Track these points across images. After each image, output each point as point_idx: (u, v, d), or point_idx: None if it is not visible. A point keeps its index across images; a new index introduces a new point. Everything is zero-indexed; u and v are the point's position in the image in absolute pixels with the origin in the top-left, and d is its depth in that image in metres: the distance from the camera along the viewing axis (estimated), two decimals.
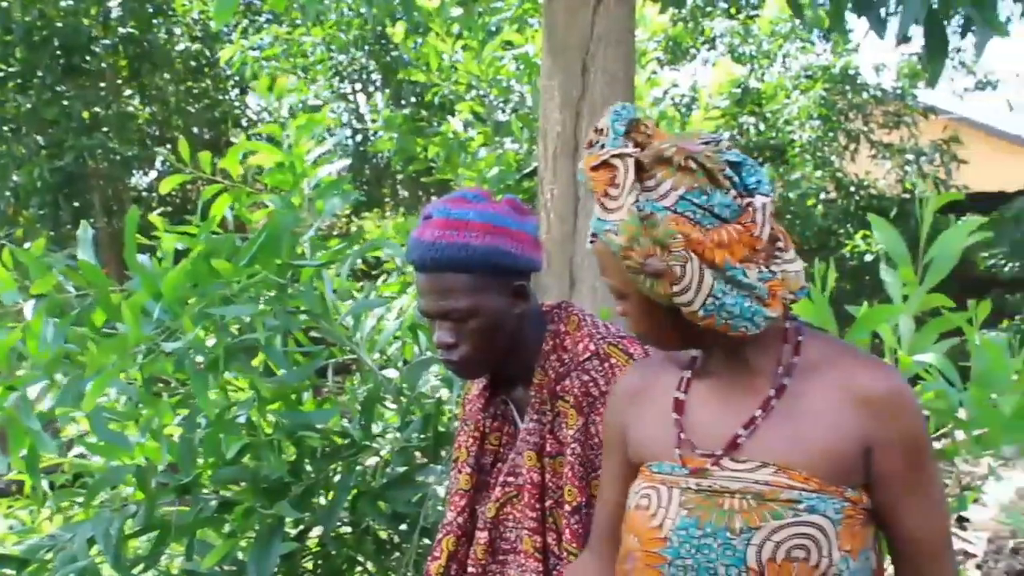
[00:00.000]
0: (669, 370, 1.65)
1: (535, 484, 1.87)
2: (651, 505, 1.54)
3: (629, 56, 3.10)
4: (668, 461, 1.56)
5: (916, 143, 10.93)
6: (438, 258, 1.80)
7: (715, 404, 1.58)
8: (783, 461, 1.49)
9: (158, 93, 11.97)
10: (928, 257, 2.85)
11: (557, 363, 1.90)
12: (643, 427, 1.63)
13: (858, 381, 1.53)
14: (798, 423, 1.52)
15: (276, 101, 3.84)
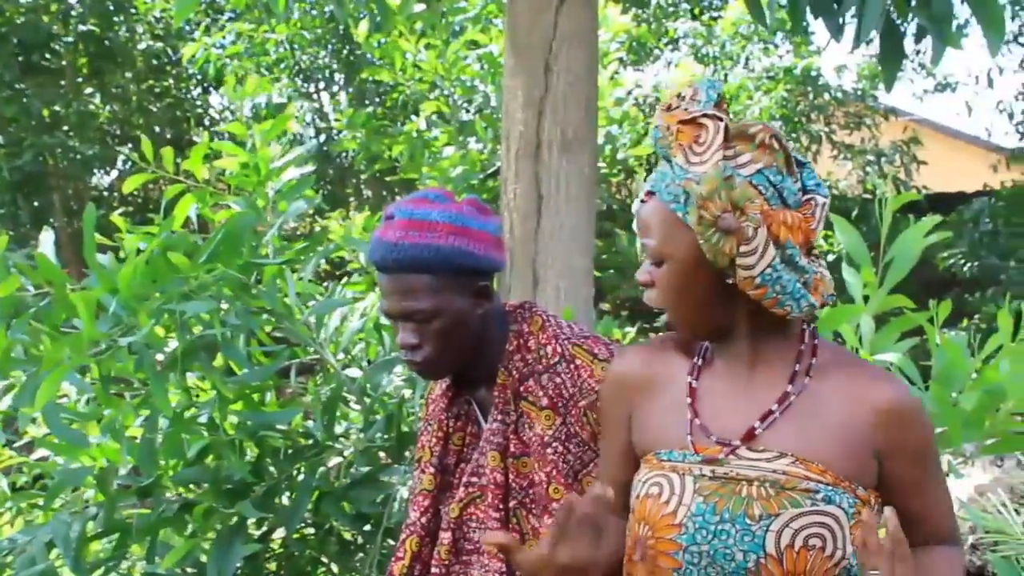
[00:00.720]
0: (675, 359, 1.68)
1: (498, 484, 1.87)
2: (663, 493, 1.56)
3: (592, 56, 3.11)
4: (679, 449, 1.58)
5: (877, 144, 11.03)
6: (401, 259, 1.79)
7: (727, 395, 1.61)
8: (800, 453, 1.53)
9: (119, 91, 11.86)
10: (888, 257, 2.88)
11: (521, 363, 1.90)
12: (651, 414, 1.65)
13: (871, 392, 1.58)
14: (814, 421, 1.56)
15: (241, 100, 3.83)
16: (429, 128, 6.57)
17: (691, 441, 1.57)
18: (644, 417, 1.66)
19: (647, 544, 1.56)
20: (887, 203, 2.95)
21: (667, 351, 1.70)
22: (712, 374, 1.64)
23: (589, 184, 3.13)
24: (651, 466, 1.60)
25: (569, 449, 1.86)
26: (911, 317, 2.85)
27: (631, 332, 5.81)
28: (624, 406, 1.70)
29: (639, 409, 1.67)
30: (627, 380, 1.70)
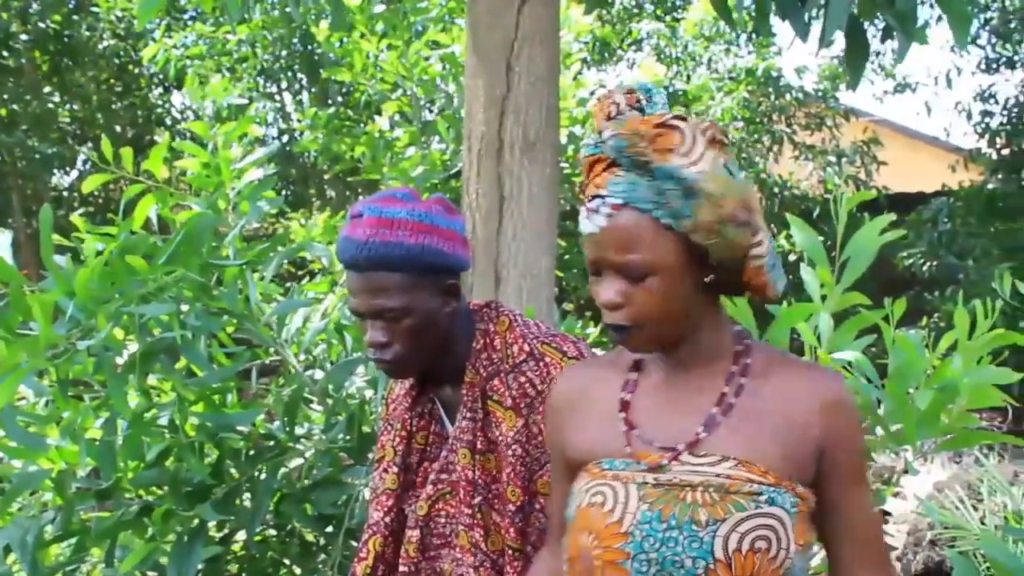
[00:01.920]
0: (609, 373, 1.67)
1: (469, 481, 1.89)
2: (607, 501, 1.53)
3: (554, 56, 3.11)
4: (621, 458, 1.56)
5: (837, 145, 11.12)
6: (370, 257, 1.79)
7: (666, 404, 1.60)
8: (742, 456, 1.53)
9: (80, 90, 11.75)
10: (844, 256, 2.91)
11: (487, 362, 1.92)
12: (586, 429, 1.64)
13: (815, 385, 1.59)
14: (754, 421, 1.56)
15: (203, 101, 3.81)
16: (391, 128, 6.56)
17: (630, 451, 1.56)
18: (580, 432, 1.65)
19: (592, 554, 1.53)
20: (842, 202, 2.98)
21: (600, 367, 1.71)
22: (647, 385, 1.63)
23: (551, 184, 3.14)
24: (592, 475, 1.58)
25: (528, 451, 1.87)
26: (867, 315, 2.88)
27: (594, 332, 5.82)
28: (558, 426, 1.70)
29: (573, 425, 1.67)
30: (560, 400, 1.70)
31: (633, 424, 1.59)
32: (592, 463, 1.59)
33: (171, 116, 12.64)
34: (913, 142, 13.93)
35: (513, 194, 3.04)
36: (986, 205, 10.37)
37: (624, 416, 1.60)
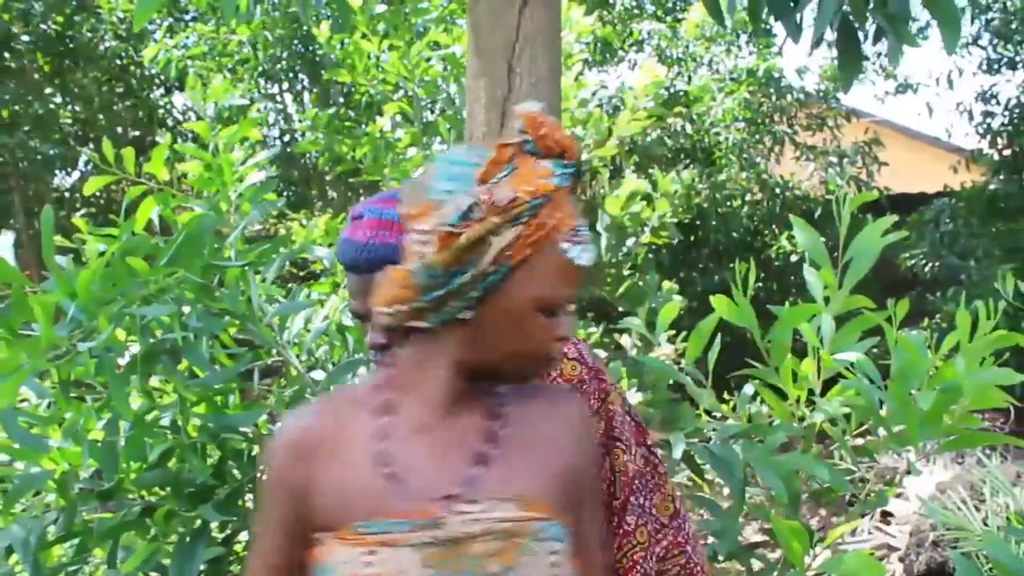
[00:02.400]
0: (359, 414, 1.48)
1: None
2: (383, 572, 1.35)
3: (555, 57, 3.11)
4: (385, 518, 1.38)
5: (839, 145, 11.12)
6: (371, 258, 1.78)
7: (428, 448, 1.45)
8: (519, 493, 1.43)
9: (81, 91, 11.75)
10: (847, 257, 2.91)
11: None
12: (336, 484, 1.42)
13: (562, 410, 1.54)
14: (522, 454, 1.47)
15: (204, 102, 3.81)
16: (393, 129, 6.56)
17: (399, 508, 1.39)
18: (330, 487, 1.43)
19: None
20: (846, 203, 2.98)
21: (344, 409, 1.50)
22: (403, 425, 1.46)
23: None
24: (352, 543, 1.38)
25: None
26: (870, 317, 2.88)
27: (596, 333, 5.83)
28: (297, 478, 1.45)
29: (321, 478, 1.44)
30: (301, 446, 1.46)
31: (397, 477, 1.41)
32: (346, 527, 1.39)
33: (172, 117, 12.64)
34: (915, 143, 13.93)
35: None
36: (988, 206, 10.36)
37: (386, 468, 1.42)
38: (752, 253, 9.50)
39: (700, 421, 3.19)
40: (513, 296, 1.39)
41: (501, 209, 1.36)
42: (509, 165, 1.39)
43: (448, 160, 1.43)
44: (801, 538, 2.47)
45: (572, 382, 1.86)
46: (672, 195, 7.27)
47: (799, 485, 2.81)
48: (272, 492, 1.48)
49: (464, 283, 1.38)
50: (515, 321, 1.40)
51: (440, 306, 1.40)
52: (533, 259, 1.39)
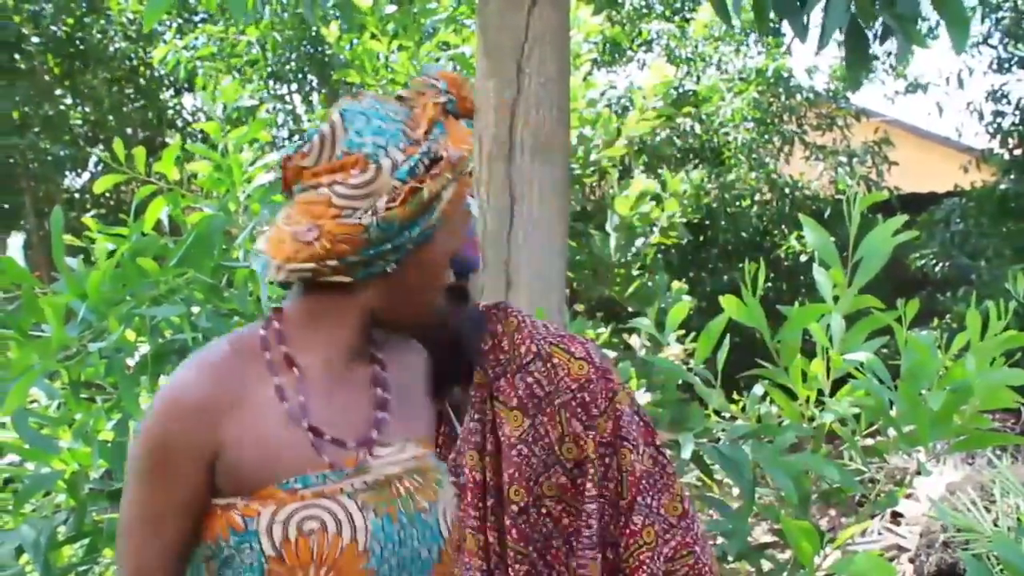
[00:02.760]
0: (253, 372, 1.43)
1: (477, 483, 1.86)
2: (328, 525, 1.36)
3: (564, 58, 3.11)
4: (315, 471, 1.39)
5: (848, 145, 11.09)
6: None
7: (333, 397, 1.46)
8: (416, 433, 1.52)
9: (91, 93, 11.78)
10: (857, 257, 2.90)
11: (494, 363, 1.89)
12: (255, 443, 1.39)
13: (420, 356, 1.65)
14: (407, 396, 1.55)
15: (214, 103, 3.82)
16: None
17: (327, 459, 1.40)
18: (246, 448, 1.38)
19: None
20: (855, 203, 2.98)
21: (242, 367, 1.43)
22: (307, 378, 1.45)
23: (562, 186, 3.13)
24: (278, 500, 1.36)
25: (534, 452, 1.85)
26: (880, 316, 2.88)
27: (604, 333, 5.82)
28: (205, 440, 1.37)
29: (235, 439, 1.38)
30: (205, 408, 1.38)
31: (318, 430, 1.41)
32: (273, 486, 1.37)
33: (182, 118, 12.67)
34: (925, 142, 13.88)
35: (524, 196, 3.04)
36: (998, 205, 10.32)
37: (305, 422, 1.41)
38: (761, 253, 9.49)
39: (709, 421, 3.18)
40: (436, 249, 1.45)
41: (453, 166, 1.41)
42: (439, 123, 1.42)
43: (365, 114, 1.41)
44: (811, 538, 2.46)
45: (579, 381, 1.86)
46: (681, 195, 7.26)
47: (809, 485, 2.80)
48: (166, 464, 1.37)
49: (410, 236, 1.40)
50: (432, 272, 1.46)
51: (376, 260, 1.41)
52: (454, 213, 1.45)
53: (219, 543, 1.38)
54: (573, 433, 1.84)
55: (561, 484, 1.85)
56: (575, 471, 1.85)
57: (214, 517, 1.38)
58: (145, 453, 1.38)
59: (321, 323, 1.46)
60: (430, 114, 1.41)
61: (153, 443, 1.37)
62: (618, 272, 6.93)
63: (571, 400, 1.84)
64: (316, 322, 1.46)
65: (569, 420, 1.84)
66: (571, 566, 1.85)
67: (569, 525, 1.86)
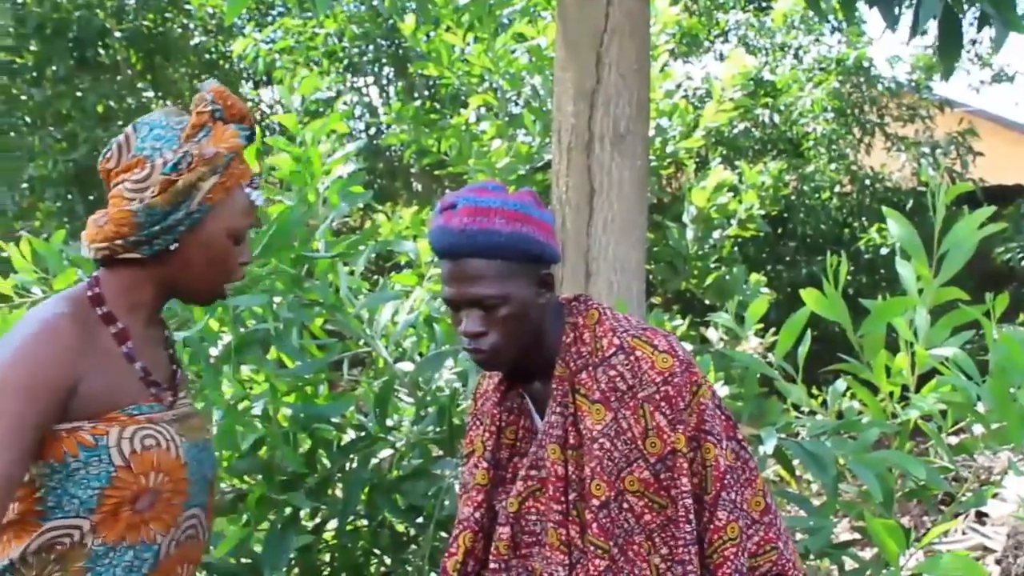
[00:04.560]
0: (95, 323, 1.74)
1: (559, 477, 1.85)
2: (161, 442, 1.72)
3: (644, 48, 3.09)
4: (147, 403, 1.74)
5: (931, 136, 10.88)
6: (469, 244, 1.78)
7: (150, 351, 1.81)
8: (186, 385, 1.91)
9: (172, 86, 11.97)
10: (942, 250, 2.85)
11: (576, 356, 1.88)
12: (103, 378, 1.70)
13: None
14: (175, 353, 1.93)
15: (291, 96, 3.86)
16: (477, 121, 6.58)
17: (153, 394, 1.76)
18: (98, 381, 1.69)
19: (163, 488, 1.72)
20: (940, 194, 2.92)
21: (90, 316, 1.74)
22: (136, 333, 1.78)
23: (641, 177, 3.11)
24: (122, 424, 1.68)
25: (616, 446, 1.83)
26: (966, 311, 2.82)
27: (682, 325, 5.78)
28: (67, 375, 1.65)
29: (90, 374, 1.68)
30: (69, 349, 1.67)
31: (147, 370, 1.77)
32: (117, 411, 1.69)
33: (260, 111, 12.83)
34: (1011, 133, 13.58)
35: (603, 187, 3.02)
36: None
37: (138, 365, 1.76)
38: (841, 246, 9.35)
39: (788, 416, 3.14)
40: (211, 228, 1.76)
41: (207, 160, 1.73)
42: (206, 127, 1.76)
43: (149, 125, 1.76)
44: (897, 537, 2.42)
45: (663, 375, 1.84)
46: (759, 187, 7.19)
47: (894, 483, 2.75)
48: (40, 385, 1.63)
49: (177, 219, 1.72)
50: (212, 248, 1.77)
51: (153, 239, 1.73)
52: (226, 199, 1.77)
53: (65, 459, 1.65)
54: (657, 427, 1.82)
55: (644, 479, 1.83)
56: (658, 466, 1.83)
57: (58, 439, 1.65)
58: (26, 373, 1.62)
59: (127, 292, 1.78)
60: (194, 121, 1.75)
61: (33, 366, 1.63)
62: (695, 264, 6.88)
63: (655, 394, 1.82)
64: (123, 291, 1.78)
65: (653, 414, 1.82)
66: (653, 562, 1.83)
67: (651, 521, 1.83)
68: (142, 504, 1.69)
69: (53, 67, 10.30)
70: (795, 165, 9.96)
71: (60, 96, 10.31)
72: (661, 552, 1.84)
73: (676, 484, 1.83)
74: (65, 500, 1.66)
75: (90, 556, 1.68)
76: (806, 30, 10.81)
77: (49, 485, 1.67)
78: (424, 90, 10.00)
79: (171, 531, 1.76)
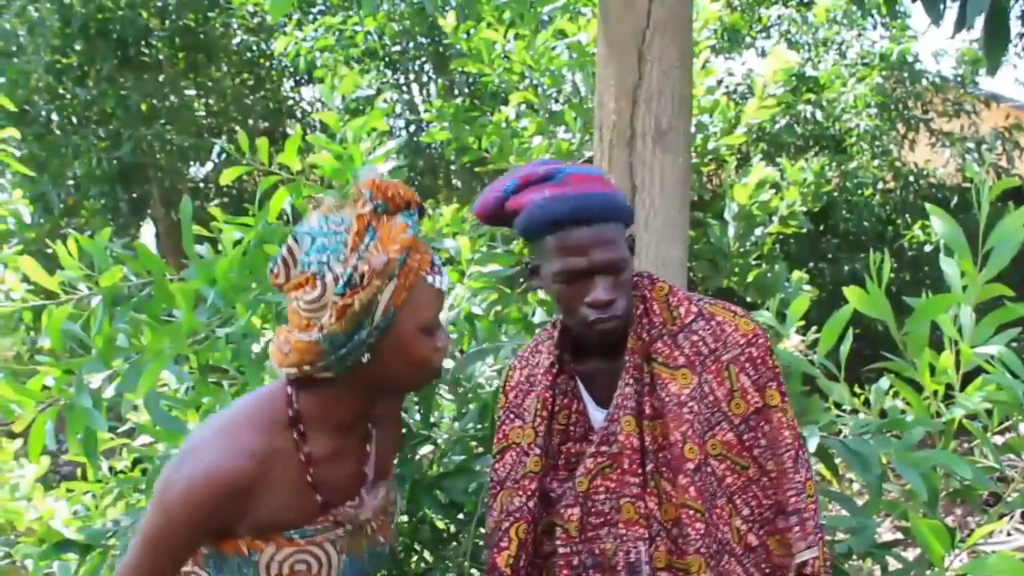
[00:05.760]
0: (279, 446, 1.72)
1: (635, 449, 1.84)
2: (311, 567, 1.72)
3: (686, 45, 3.07)
4: (311, 526, 1.73)
5: (977, 131, 10.74)
6: (603, 207, 1.77)
7: (337, 463, 1.78)
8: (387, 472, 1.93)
9: (214, 85, 12.05)
10: (987, 246, 2.81)
11: (648, 327, 1.89)
12: (276, 503, 1.70)
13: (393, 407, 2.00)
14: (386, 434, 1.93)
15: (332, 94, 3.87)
16: (518, 118, 6.57)
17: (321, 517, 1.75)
18: (264, 506, 1.69)
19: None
20: (985, 190, 2.88)
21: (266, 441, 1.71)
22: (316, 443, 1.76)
23: (683, 175, 3.10)
24: (279, 545, 1.70)
25: (700, 409, 1.83)
26: (1012, 308, 2.79)
27: None
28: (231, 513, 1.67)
29: (250, 509, 1.68)
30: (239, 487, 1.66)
31: (323, 494, 1.75)
32: (277, 534, 1.71)
33: (301, 108, 12.89)
34: None
35: (645, 184, 3.01)
36: None
37: (318, 491, 1.74)
38: (884, 243, 9.26)
39: (830, 415, 3.12)
40: (400, 331, 1.68)
41: (380, 272, 1.62)
42: (370, 230, 1.65)
43: (310, 235, 1.67)
44: (942, 537, 2.39)
45: (747, 336, 1.88)
46: (801, 183, 7.13)
47: (938, 483, 2.72)
48: (198, 527, 1.66)
49: (362, 339, 1.65)
50: (405, 348, 1.69)
51: (343, 360, 1.67)
52: (409, 298, 1.68)
53: (223, 553, 1.71)
54: (741, 388, 1.84)
55: (726, 441, 1.84)
56: (742, 427, 1.84)
57: (222, 541, 1.71)
58: (183, 517, 1.64)
59: (327, 410, 1.75)
60: (355, 228, 1.65)
61: (192, 513, 1.63)
62: (736, 262, 6.83)
63: (739, 355, 1.85)
64: (323, 410, 1.74)
65: (738, 375, 1.84)
66: (734, 524, 1.83)
67: (732, 483, 1.84)
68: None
69: (97, 66, 10.41)
70: (838, 161, 9.86)
71: (104, 95, 10.43)
72: (743, 513, 1.84)
73: (758, 443, 1.84)
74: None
75: None
76: (849, 25, 10.70)
77: (208, 568, 1.74)
78: (464, 87, 10.01)
79: None
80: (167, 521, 1.65)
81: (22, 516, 3.80)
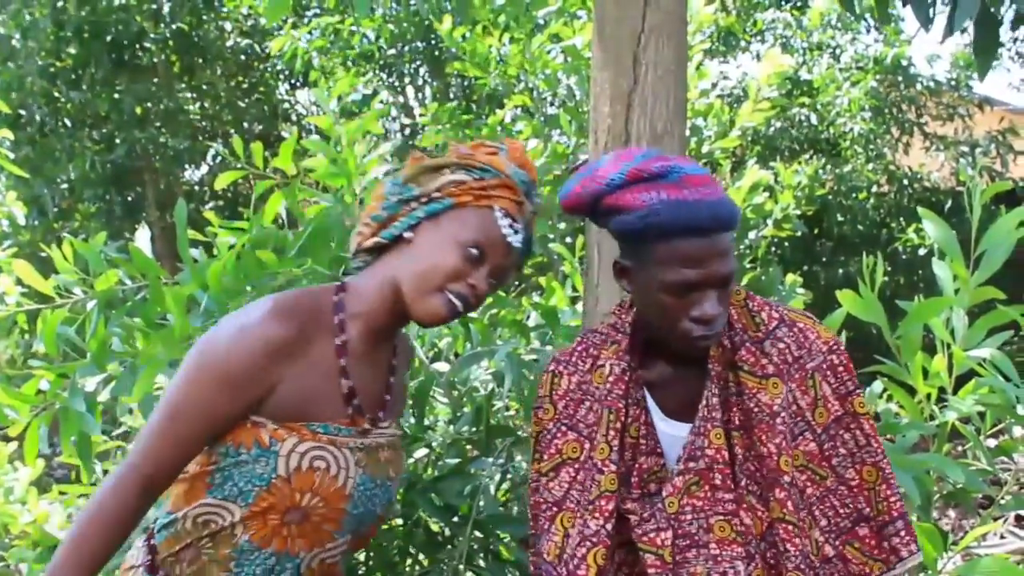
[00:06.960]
0: (318, 330, 1.73)
1: (727, 462, 1.75)
2: (331, 467, 1.70)
3: (681, 48, 3.07)
4: (335, 423, 1.72)
5: (971, 135, 10.76)
6: (728, 217, 1.63)
7: (367, 369, 1.79)
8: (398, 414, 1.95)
9: (209, 88, 12.05)
10: (980, 249, 2.82)
11: (730, 333, 1.79)
12: (303, 386, 1.70)
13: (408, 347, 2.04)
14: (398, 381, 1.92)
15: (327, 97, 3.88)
16: (513, 121, 6.58)
17: (350, 416, 1.75)
18: (296, 388, 1.69)
19: (313, 510, 1.70)
20: (978, 193, 2.89)
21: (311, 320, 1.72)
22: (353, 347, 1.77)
23: None
24: (301, 436, 1.68)
25: (787, 419, 1.75)
26: (1004, 311, 2.80)
27: None
28: (267, 374, 1.66)
29: (290, 378, 1.69)
30: (275, 347, 1.66)
31: (354, 392, 1.75)
32: (303, 424, 1.69)
33: (296, 112, 12.88)
34: None
35: None
36: None
37: (346, 383, 1.75)
38: (878, 246, 9.27)
39: None
40: (445, 227, 1.72)
41: (460, 156, 1.76)
42: (502, 149, 1.81)
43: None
44: (935, 540, 2.40)
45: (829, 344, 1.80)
46: (796, 187, 7.14)
47: (932, 486, 2.73)
48: (238, 383, 1.65)
49: (414, 195, 1.75)
50: (439, 244, 1.71)
51: (391, 220, 1.76)
52: (469, 206, 1.73)
53: (240, 449, 1.68)
54: (823, 396, 1.77)
55: (809, 451, 1.77)
56: (822, 436, 1.78)
57: (243, 428, 1.68)
58: (224, 368, 1.64)
59: (366, 294, 1.78)
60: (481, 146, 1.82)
61: (231, 369, 1.64)
62: None
63: (822, 363, 1.78)
64: (362, 294, 1.78)
65: (821, 384, 1.77)
66: (813, 536, 1.76)
67: (812, 494, 1.78)
68: (290, 518, 1.70)
69: (92, 70, 10.40)
70: (832, 165, 9.88)
71: (98, 98, 10.42)
72: (820, 524, 1.78)
73: (837, 452, 1.78)
74: (228, 484, 1.69)
75: (238, 547, 1.71)
76: (843, 29, 10.72)
77: (221, 465, 1.70)
78: (460, 91, 10.02)
79: (315, 550, 1.76)
80: (200, 383, 1.65)
81: (16, 520, 3.80)
